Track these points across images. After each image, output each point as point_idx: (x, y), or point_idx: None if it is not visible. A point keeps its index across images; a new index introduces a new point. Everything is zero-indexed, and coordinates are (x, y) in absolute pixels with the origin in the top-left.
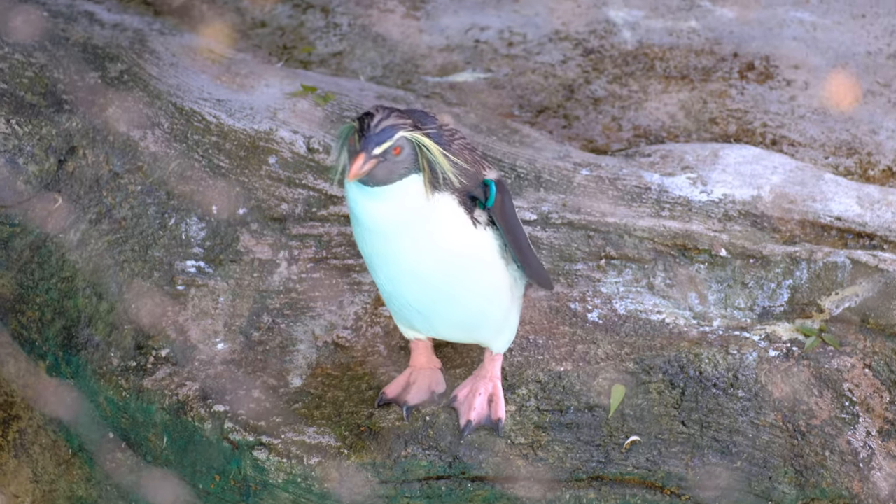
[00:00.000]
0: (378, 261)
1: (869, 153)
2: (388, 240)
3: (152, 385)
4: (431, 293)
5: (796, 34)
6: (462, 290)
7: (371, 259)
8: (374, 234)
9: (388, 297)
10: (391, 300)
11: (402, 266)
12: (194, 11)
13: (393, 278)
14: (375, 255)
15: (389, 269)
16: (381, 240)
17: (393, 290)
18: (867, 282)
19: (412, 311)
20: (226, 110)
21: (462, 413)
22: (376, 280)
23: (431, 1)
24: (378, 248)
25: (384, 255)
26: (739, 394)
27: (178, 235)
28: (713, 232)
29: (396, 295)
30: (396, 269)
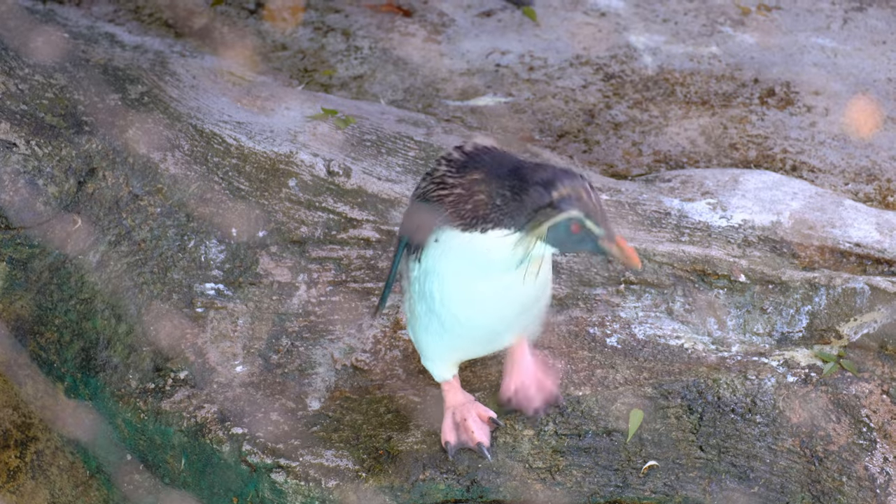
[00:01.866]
0: (487, 296)
1: (888, 179)
2: (512, 276)
3: (170, 407)
4: (529, 304)
5: (817, 60)
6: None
7: (470, 303)
8: (503, 273)
9: (467, 334)
10: (472, 335)
11: (509, 297)
12: (215, 34)
13: (488, 310)
14: (485, 293)
15: (493, 302)
16: (508, 279)
17: (495, 323)
18: (886, 308)
19: (495, 335)
20: (246, 133)
21: (526, 406)
22: (466, 323)
23: (452, 25)
24: (499, 285)
25: (498, 291)
26: (757, 419)
27: (197, 258)
28: (732, 257)
29: (490, 326)
30: (504, 301)
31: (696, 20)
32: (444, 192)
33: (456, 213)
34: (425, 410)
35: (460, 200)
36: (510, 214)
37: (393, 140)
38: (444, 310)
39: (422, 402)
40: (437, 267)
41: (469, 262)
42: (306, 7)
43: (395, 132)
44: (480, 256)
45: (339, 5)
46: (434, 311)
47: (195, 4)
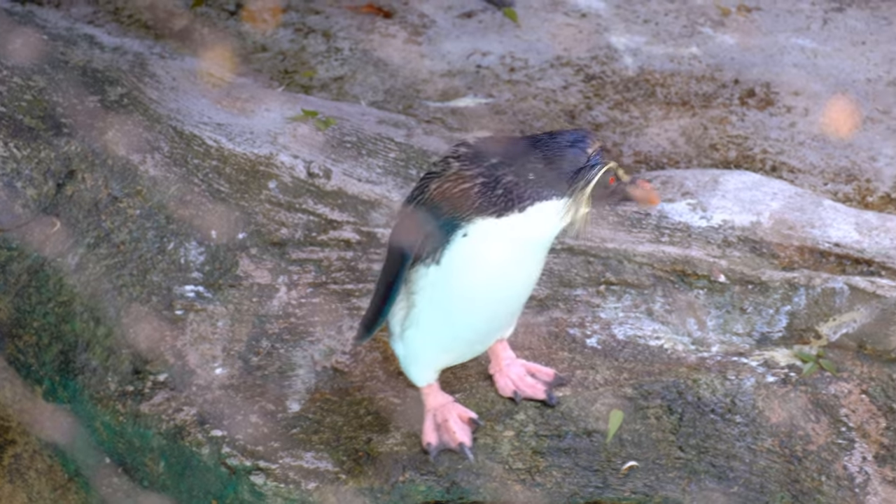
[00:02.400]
0: (504, 288)
1: (868, 180)
2: (541, 253)
3: (150, 410)
4: (525, 293)
5: (797, 61)
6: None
7: (491, 296)
8: (536, 252)
9: (477, 330)
10: (480, 329)
11: (532, 277)
12: (195, 35)
13: (512, 296)
14: (507, 281)
15: (519, 286)
16: (537, 256)
17: (509, 309)
18: (865, 308)
19: (498, 328)
20: (226, 134)
21: (535, 392)
22: (484, 315)
23: (433, 26)
24: (520, 273)
25: (519, 278)
26: (737, 419)
27: (177, 260)
28: (712, 258)
29: (503, 314)
30: (527, 283)
31: (676, 21)
32: (467, 186)
33: (487, 201)
34: (405, 412)
35: (487, 188)
36: (549, 184)
37: (373, 141)
38: (465, 307)
39: (402, 403)
40: (470, 262)
41: (510, 247)
42: (286, 8)
43: (376, 133)
44: (522, 237)
45: (319, 6)
46: (450, 312)
47: (175, 6)
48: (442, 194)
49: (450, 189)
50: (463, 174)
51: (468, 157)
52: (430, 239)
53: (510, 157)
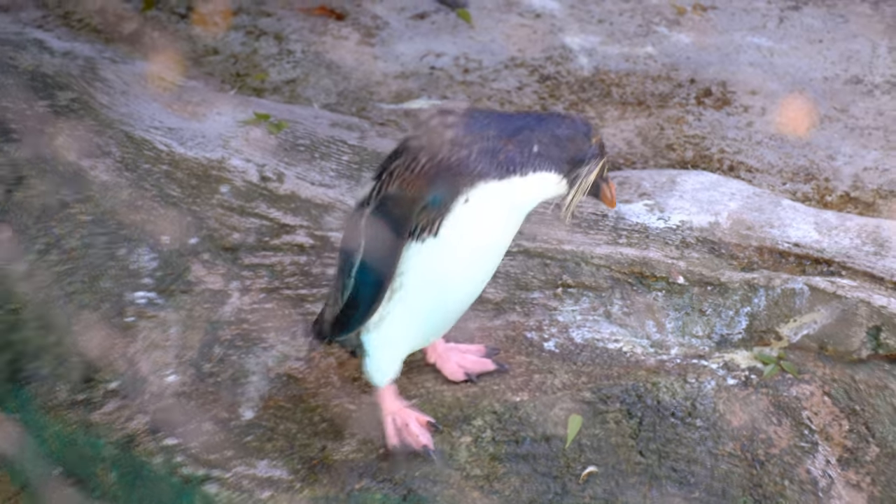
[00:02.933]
0: (494, 254)
1: (826, 179)
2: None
3: (101, 419)
4: (495, 264)
5: (753, 60)
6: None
7: (485, 262)
8: (521, 219)
9: (456, 303)
10: (460, 302)
11: (505, 245)
12: (145, 39)
13: (497, 262)
14: (496, 247)
15: (495, 258)
16: (519, 222)
17: (484, 281)
18: (825, 308)
19: (464, 304)
20: (177, 139)
21: (484, 368)
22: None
23: (386, 28)
24: (505, 237)
25: (504, 243)
26: (697, 423)
27: (128, 266)
28: (670, 259)
29: (466, 286)
30: (500, 252)
31: (631, 20)
32: (465, 153)
33: (488, 165)
34: (360, 419)
35: (486, 154)
36: (550, 159)
37: (326, 144)
38: (462, 275)
39: (357, 410)
40: (473, 227)
41: (507, 210)
42: (237, 11)
43: (329, 136)
44: (520, 200)
45: (270, 9)
46: (443, 285)
47: (125, 10)
48: (437, 166)
49: (447, 158)
50: (460, 141)
51: (462, 126)
52: (424, 213)
53: (508, 129)
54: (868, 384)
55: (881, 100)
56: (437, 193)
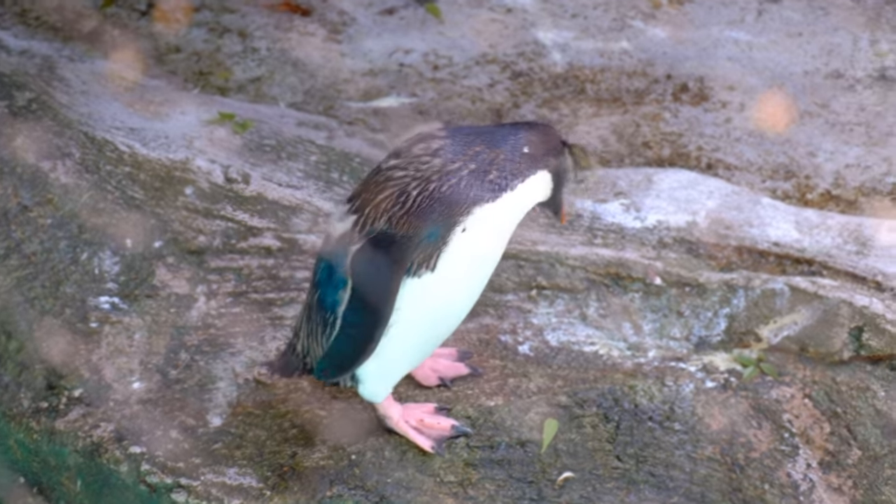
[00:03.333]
0: (489, 272)
1: (807, 176)
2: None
3: (65, 427)
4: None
5: (731, 54)
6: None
7: (481, 282)
8: (509, 234)
9: (456, 324)
10: (459, 321)
11: (499, 258)
12: (105, 37)
13: (484, 284)
14: (492, 265)
15: (489, 274)
16: (508, 238)
17: (466, 306)
18: (806, 309)
19: (459, 323)
20: (140, 139)
21: (458, 373)
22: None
23: (353, 24)
24: (500, 253)
25: (498, 258)
26: (676, 427)
27: (90, 270)
28: (647, 260)
29: (463, 310)
30: (494, 267)
31: (605, 15)
32: (455, 180)
33: (480, 188)
34: (331, 424)
35: (478, 175)
36: (538, 161)
37: (293, 144)
38: (463, 303)
39: (328, 416)
40: (473, 256)
41: (504, 228)
42: (200, 7)
43: (296, 136)
44: (514, 214)
45: (234, 5)
46: (445, 314)
47: (84, 7)
48: (430, 198)
49: (438, 188)
50: (449, 169)
51: (450, 150)
52: (420, 249)
53: (496, 140)
54: (850, 386)
55: (863, 94)
56: (433, 228)
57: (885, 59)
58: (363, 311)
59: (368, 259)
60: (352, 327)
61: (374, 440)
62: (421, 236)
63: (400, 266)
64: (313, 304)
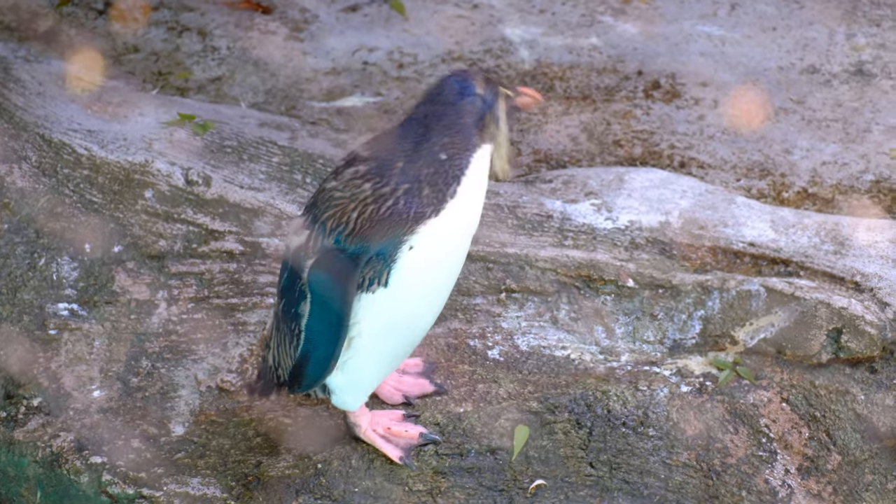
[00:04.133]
0: (451, 279)
1: (782, 174)
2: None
3: (24, 436)
4: (457, 271)
5: (703, 49)
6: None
7: (443, 289)
8: (467, 238)
9: (420, 334)
10: (423, 332)
11: (461, 262)
12: (62, 37)
13: (449, 290)
14: (452, 272)
15: (452, 281)
16: (468, 241)
17: (428, 316)
18: (783, 311)
19: (429, 326)
20: (98, 141)
21: (423, 390)
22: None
23: (315, 21)
24: (459, 259)
25: (459, 263)
26: (650, 432)
27: (48, 276)
28: (619, 261)
29: (432, 315)
30: (456, 272)
31: (574, 10)
32: (391, 202)
33: (420, 205)
34: (296, 433)
35: (413, 193)
36: (463, 149)
37: (255, 146)
38: (421, 315)
39: (293, 423)
40: (423, 270)
41: (457, 236)
42: (158, 6)
43: (258, 137)
44: (464, 220)
45: (193, 3)
46: (404, 327)
47: (39, 6)
48: (370, 220)
49: (375, 212)
50: (381, 192)
51: (376, 173)
52: (370, 265)
53: (413, 151)
54: (829, 389)
55: (839, 90)
56: (380, 246)
57: (861, 53)
58: (321, 326)
59: (321, 275)
60: (312, 342)
61: (341, 448)
62: (370, 253)
63: (350, 281)
64: (279, 314)
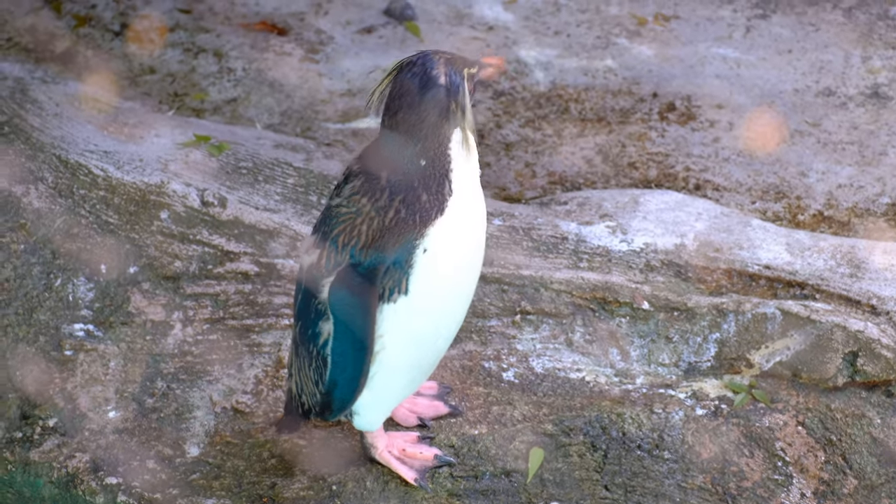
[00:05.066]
0: (471, 279)
1: (798, 197)
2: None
3: (40, 457)
4: (477, 269)
5: (719, 72)
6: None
7: (464, 291)
8: (480, 233)
9: (449, 335)
10: (453, 332)
11: (480, 261)
12: (78, 58)
13: (472, 290)
14: (471, 272)
15: (472, 282)
16: (482, 238)
17: (450, 324)
18: (799, 334)
19: (456, 322)
20: (114, 163)
21: (438, 411)
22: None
23: (331, 43)
24: (477, 257)
25: (478, 262)
26: (665, 455)
27: (64, 297)
28: (634, 283)
29: (455, 323)
30: (476, 272)
31: (589, 32)
32: (392, 213)
33: (423, 210)
34: (311, 454)
35: (412, 203)
36: (439, 142)
37: (270, 167)
38: (448, 315)
39: (307, 445)
40: (442, 269)
41: (470, 227)
42: (174, 27)
43: (273, 158)
44: (471, 210)
45: (209, 24)
46: (430, 332)
47: (56, 27)
48: (380, 231)
49: (381, 223)
50: (379, 206)
51: (367, 189)
52: (388, 275)
53: (393, 161)
54: (844, 413)
55: (855, 112)
56: (396, 255)
57: (877, 76)
58: (346, 345)
59: (341, 292)
60: (339, 364)
61: (356, 470)
62: (386, 263)
63: (371, 294)
64: (297, 338)
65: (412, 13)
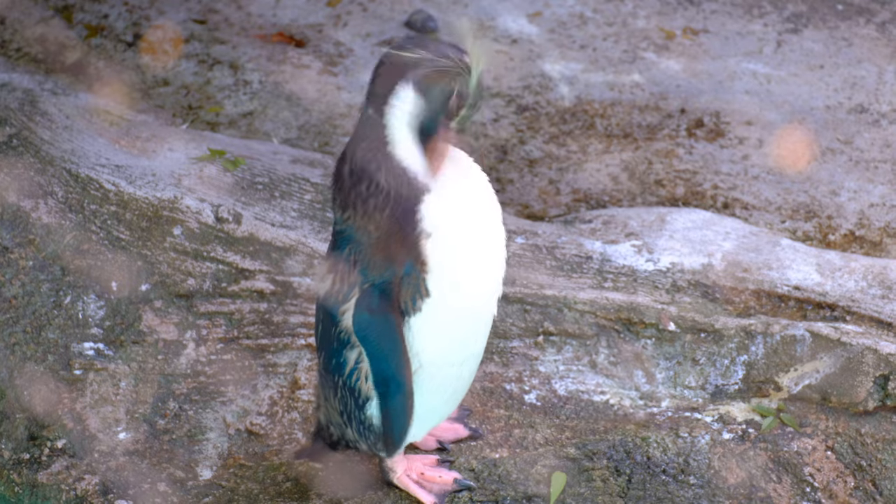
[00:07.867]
0: (493, 256)
1: (829, 216)
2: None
3: (48, 479)
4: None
5: (749, 87)
6: None
7: (488, 273)
8: (488, 201)
9: (460, 376)
10: (466, 372)
11: (500, 237)
12: (90, 69)
13: (497, 275)
14: (490, 246)
15: (486, 269)
16: (492, 207)
17: (482, 311)
18: (828, 356)
19: (473, 367)
20: (126, 177)
21: (458, 434)
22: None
23: (350, 55)
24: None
25: (496, 237)
26: (691, 480)
27: (74, 315)
28: (660, 304)
29: (481, 314)
30: (498, 250)
31: (616, 46)
32: (379, 218)
33: (409, 198)
34: (327, 478)
35: (392, 198)
36: (377, 143)
37: (287, 182)
38: (477, 297)
39: (323, 468)
40: (456, 248)
41: (469, 200)
42: (189, 38)
43: (290, 174)
44: (465, 178)
45: (225, 36)
46: (460, 328)
47: (67, 37)
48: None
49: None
50: (368, 213)
51: (342, 202)
52: (404, 285)
53: (365, 168)
54: (875, 438)
55: (888, 130)
56: (404, 265)
57: None
58: (385, 371)
59: (364, 318)
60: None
61: (373, 494)
62: (399, 274)
63: (393, 310)
64: (320, 369)
65: (434, 25)
